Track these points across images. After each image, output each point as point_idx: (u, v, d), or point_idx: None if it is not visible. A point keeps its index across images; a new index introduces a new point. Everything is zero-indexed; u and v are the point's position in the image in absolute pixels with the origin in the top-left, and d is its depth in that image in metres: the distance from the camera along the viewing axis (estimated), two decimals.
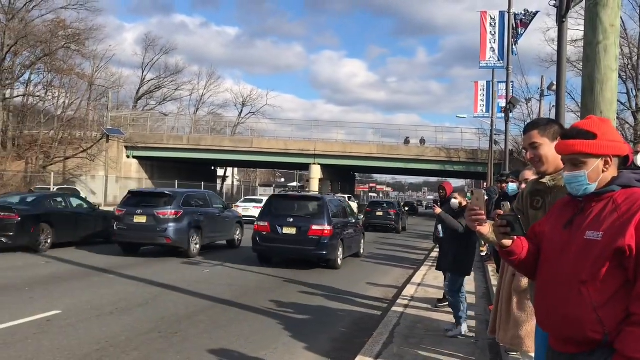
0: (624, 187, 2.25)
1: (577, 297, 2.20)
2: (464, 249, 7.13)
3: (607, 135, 2.30)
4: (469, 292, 9.68)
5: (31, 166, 46.67)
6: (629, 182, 2.26)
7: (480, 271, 12.58)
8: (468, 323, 7.16)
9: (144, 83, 68.51)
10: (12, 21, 45.46)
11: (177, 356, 5.95)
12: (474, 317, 7.90)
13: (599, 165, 2.30)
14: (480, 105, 30.98)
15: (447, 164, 49.35)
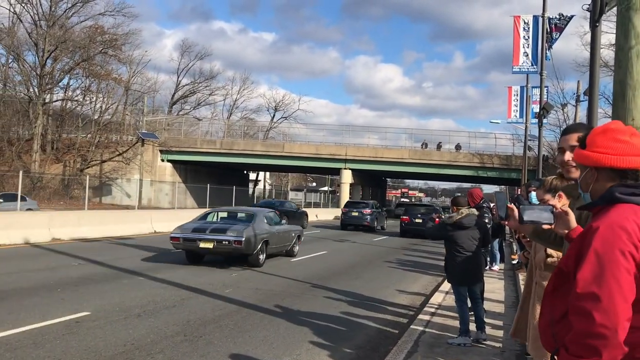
0: (608, 202, 2.14)
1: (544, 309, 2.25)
2: (466, 258, 7.04)
3: (595, 145, 2.20)
4: (498, 302, 9.55)
5: (69, 169, 47.85)
6: (609, 197, 2.10)
7: (510, 279, 12.36)
8: (494, 332, 7.02)
9: (179, 88, 69.60)
10: (52, 28, 46.74)
11: None
12: (502, 326, 7.75)
13: (587, 175, 2.24)
14: (514, 110, 30.50)
15: (480, 169, 48.68)
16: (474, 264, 7.04)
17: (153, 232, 22.08)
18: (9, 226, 15.73)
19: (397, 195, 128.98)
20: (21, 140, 46.83)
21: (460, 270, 7.05)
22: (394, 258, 17.32)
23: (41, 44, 46.40)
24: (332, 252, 18.22)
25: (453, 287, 7.23)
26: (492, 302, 9.23)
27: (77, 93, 53.31)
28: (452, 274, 7.24)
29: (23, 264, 12.12)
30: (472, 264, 7.02)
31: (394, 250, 20.52)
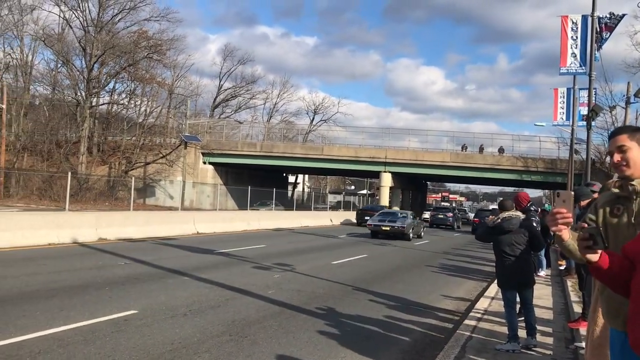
0: None
1: None
2: (496, 261, 7.00)
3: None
4: (546, 308, 9.30)
5: (114, 171, 49.01)
6: None
7: (558, 286, 12.03)
8: (543, 339, 6.83)
9: (220, 92, 70.57)
10: (100, 33, 48.03)
11: None
12: (552, 333, 7.54)
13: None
14: (560, 113, 29.73)
15: (524, 173, 47.64)
16: (520, 268, 6.86)
17: (196, 233, 22.40)
18: (59, 226, 16.19)
19: (437, 199, 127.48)
20: (69, 142, 48.27)
21: (506, 274, 6.90)
22: (437, 262, 17.09)
23: (89, 49, 47.74)
24: (373, 256, 18.11)
25: (502, 291, 7.07)
26: (540, 309, 8.99)
27: (122, 97, 54.74)
28: (499, 278, 7.13)
29: (72, 262, 12.44)
30: (518, 268, 6.84)
31: (437, 254, 20.27)
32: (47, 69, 54.40)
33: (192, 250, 16.26)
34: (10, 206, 31.13)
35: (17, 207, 29.71)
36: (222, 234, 23.40)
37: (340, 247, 20.48)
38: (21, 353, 5.71)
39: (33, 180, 41.43)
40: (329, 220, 37.63)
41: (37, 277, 10.29)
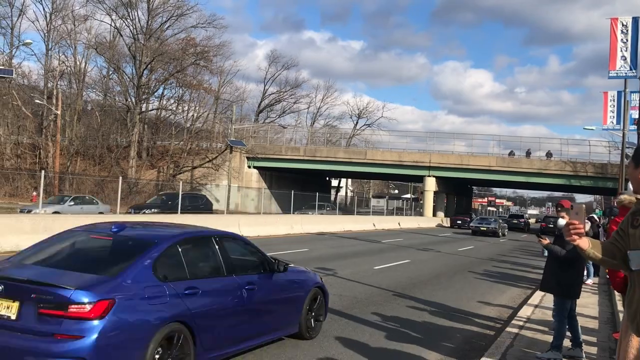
0: None
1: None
2: (568, 270, 6.73)
3: None
4: (592, 317, 9.15)
5: (162, 174, 50.30)
6: None
7: (605, 295, 11.80)
8: (587, 349, 6.77)
9: (265, 97, 71.50)
10: (149, 41, 49.49)
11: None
12: (596, 343, 7.45)
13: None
14: (610, 116, 28.98)
15: (572, 178, 46.50)
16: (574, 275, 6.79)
17: None
18: None
19: (483, 204, 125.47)
20: (119, 147, 49.87)
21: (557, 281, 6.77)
22: (480, 269, 16.94)
23: (139, 56, 49.28)
24: (415, 261, 18.09)
25: (566, 302, 6.78)
26: (585, 318, 8.87)
27: (170, 102, 56.23)
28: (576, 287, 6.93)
29: None
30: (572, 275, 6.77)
31: (481, 260, 20.07)
32: (99, 76, 56.48)
33: None
34: None
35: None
36: (266, 237, 23.76)
37: (382, 253, 20.52)
38: None
39: (85, 184, 42.95)
40: (371, 225, 37.63)
41: None
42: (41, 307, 4.44)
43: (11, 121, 46.75)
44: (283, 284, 6.80)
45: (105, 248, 5.56)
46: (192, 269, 5.56)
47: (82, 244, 5.70)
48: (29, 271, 5.01)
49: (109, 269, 5.02)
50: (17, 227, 14.21)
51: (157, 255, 5.22)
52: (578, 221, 2.70)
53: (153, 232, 6.10)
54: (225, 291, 5.79)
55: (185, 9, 51.54)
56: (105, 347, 4.43)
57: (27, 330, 4.43)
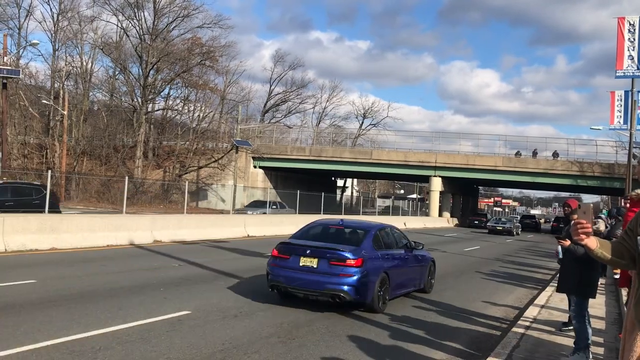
0: None
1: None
2: (589, 270, 6.70)
3: None
4: (598, 318, 9.10)
5: (168, 174, 50.40)
6: None
7: (612, 295, 11.74)
8: (594, 350, 6.73)
9: (271, 97, 71.54)
10: (155, 41, 49.58)
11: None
12: (602, 344, 7.42)
13: None
14: (617, 116, 28.79)
15: (579, 178, 46.28)
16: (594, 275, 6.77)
17: (246, 236, 22.86)
18: (116, 228, 16.87)
19: (489, 204, 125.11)
20: (126, 147, 49.98)
21: (578, 281, 6.72)
22: (487, 269, 16.89)
23: (145, 56, 49.38)
24: None
25: (586, 302, 6.78)
26: (592, 318, 8.80)
27: (176, 102, 56.29)
28: (595, 287, 6.90)
29: (129, 264, 12.98)
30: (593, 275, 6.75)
31: (487, 261, 20.01)
32: (105, 76, 56.65)
33: (243, 252, 16.64)
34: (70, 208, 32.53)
35: (76, 210, 31.02)
36: (272, 237, 23.75)
37: None
38: (84, 349, 6.08)
39: (92, 184, 43.09)
40: None
41: (97, 277, 10.81)
42: (332, 260, 8.79)
43: (18, 121, 46.93)
44: (418, 257, 11.11)
45: (344, 232, 10.08)
46: (384, 244, 9.94)
47: (328, 230, 10.20)
48: (316, 243, 9.36)
49: (354, 243, 9.40)
50: (24, 227, 14.27)
51: (372, 236, 9.63)
52: (586, 220, 2.68)
53: (363, 224, 10.61)
54: (398, 257, 10.24)
55: (191, 9, 51.61)
56: (360, 280, 8.72)
57: (323, 272, 8.76)
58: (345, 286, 8.64)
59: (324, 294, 8.76)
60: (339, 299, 8.71)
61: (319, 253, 8.90)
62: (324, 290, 8.72)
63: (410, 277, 10.71)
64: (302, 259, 8.92)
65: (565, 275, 6.96)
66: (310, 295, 8.92)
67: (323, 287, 8.71)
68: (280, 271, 9.07)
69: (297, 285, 8.88)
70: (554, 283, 13.26)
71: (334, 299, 8.76)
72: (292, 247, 9.26)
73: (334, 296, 8.72)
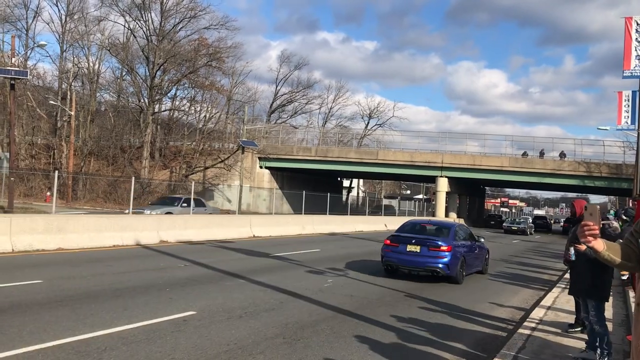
0: None
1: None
2: (602, 272, 6.65)
3: None
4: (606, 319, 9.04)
5: (175, 175, 50.53)
6: None
7: (620, 296, 11.66)
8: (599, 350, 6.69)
9: (277, 97, 71.59)
10: (162, 42, 49.72)
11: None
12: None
13: None
14: (625, 116, 28.62)
15: (586, 179, 46.06)
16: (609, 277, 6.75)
17: (252, 236, 22.88)
18: (123, 229, 16.93)
19: (496, 205, 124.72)
20: (132, 147, 50.16)
21: (594, 284, 6.67)
22: (493, 270, 16.82)
23: (152, 57, 49.53)
24: None
25: (602, 304, 6.74)
26: None
27: (183, 103, 56.44)
28: (610, 289, 6.87)
29: (135, 264, 13.02)
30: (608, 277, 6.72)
31: (493, 261, 19.87)
32: (112, 77, 56.86)
33: (249, 253, 16.65)
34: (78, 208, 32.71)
35: (83, 210, 31.17)
36: (278, 237, 23.79)
37: None
38: (89, 349, 6.10)
39: (99, 184, 43.28)
40: (383, 226, 37.52)
41: (103, 277, 10.84)
42: (430, 247, 12.75)
43: (26, 122, 47.20)
44: (479, 246, 15.00)
45: (433, 228, 14.26)
46: (460, 237, 13.85)
47: (421, 227, 14.38)
48: (416, 235, 13.33)
49: (444, 235, 13.37)
50: (31, 227, 14.35)
51: (454, 231, 13.61)
52: (593, 222, 2.63)
53: (444, 223, 15.68)
54: (469, 246, 14.10)
55: (198, 10, 51.73)
56: (450, 261, 12.62)
57: (425, 255, 12.74)
58: (440, 264, 12.68)
59: (425, 269, 12.90)
60: (435, 273, 12.79)
61: (421, 242, 12.99)
62: (425, 267, 12.85)
63: (476, 261, 14.62)
64: (408, 246, 13.01)
65: (577, 277, 6.90)
66: (414, 270, 13.21)
67: (424, 265, 12.83)
68: (392, 255, 13.23)
69: (406, 264, 13.06)
70: (561, 284, 13.21)
71: (432, 273, 12.84)
72: (401, 238, 13.35)
73: (432, 271, 12.80)
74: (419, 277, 13.46)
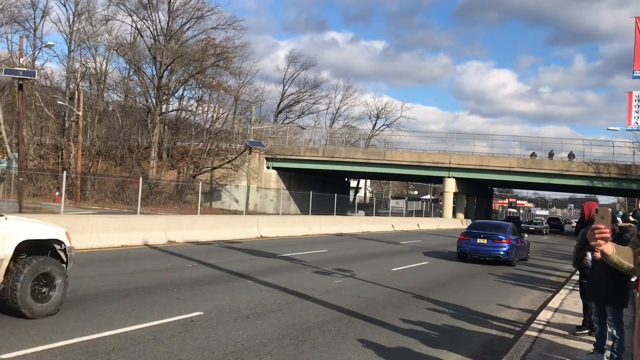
0: None
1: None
2: (621, 278, 6.58)
3: None
4: None
5: (182, 175, 50.67)
6: None
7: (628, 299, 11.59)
8: (608, 354, 6.66)
9: (284, 97, 71.66)
10: (169, 42, 49.89)
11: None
12: None
13: None
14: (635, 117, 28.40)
15: (595, 179, 45.83)
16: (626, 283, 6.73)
17: (259, 236, 22.91)
18: (131, 229, 16.99)
19: (504, 205, 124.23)
20: (140, 147, 50.35)
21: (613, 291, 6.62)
22: (500, 271, 16.78)
23: (159, 57, 49.70)
24: (434, 263, 17.99)
25: (614, 310, 6.69)
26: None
27: (190, 103, 56.61)
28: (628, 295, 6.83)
29: (143, 264, 13.07)
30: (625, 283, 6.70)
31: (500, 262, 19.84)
32: (120, 77, 57.11)
33: (256, 253, 16.68)
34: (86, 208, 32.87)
35: (91, 210, 31.33)
36: (285, 238, 23.82)
37: (401, 254, 20.44)
38: (97, 350, 6.13)
39: (107, 184, 43.47)
40: (390, 226, 37.49)
41: (111, 277, 10.90)
42: (494, 239, 18.25)
43: (34, 122, 47.48)
44: (524, 241, 20.59)
45: (494, 227, 19.95)
46: (512, 232, 19.03)
47: (484, 225, 20.43)
48: (482, 231, 18.85)
49: (502, 231, 18.88)
50: None
51: (509, 228, 19.28)
52: (604, 225, 2.60)
53: (501, 223, 21.69)
54: (518, 240, 19.32)
55: (205, 10, 51.87)
56: (508, 250, 18.18)
57: (490, 245, 18.27)
58: (501, 252, 18.04)
59: (490, 255, 18.24)
60: (497, 258, 18.11)
61: (488, 236, 18.37)
62: (490, 254, 18.22)
63: (522, 251, 20.08)
64: (478, 239, 18.45)
65: (595, 284, 6.80)
66: (482, 256, 18.51)
67: (490, 252, 18.22)
68: (466, 245, 18.72)
69: (476, 252, 18.51)
70: (568, 286, 13.16)
71: (495, 258, 18.18)
72: (472, 233, 18.90)
73: (495, 257, 18.16)
74: (425, 277, 13.40)
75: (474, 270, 16.65)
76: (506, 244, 17.95)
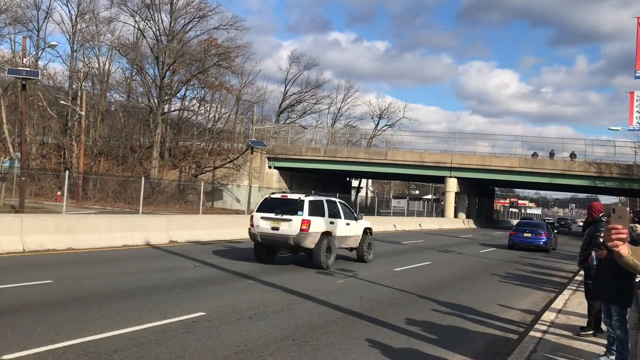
0: None
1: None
2: (627, 278, 6.55)
3: None
4: None
5: (184, 175, 50.67)
6: None
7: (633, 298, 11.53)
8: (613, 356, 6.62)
9: (286, 97, 71.60)
10: (171, 42, 49.89)
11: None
12: None
13: None
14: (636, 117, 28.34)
15: (597, 179, 45.76)
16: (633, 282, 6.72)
17: None
18: (133, 229, 16.98)
19: (505, 205, 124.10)
20: (142, 147, 50.35)
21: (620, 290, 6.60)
22: (503, 272, 16.74)
23: (161, 57, 49.70)
24: (437, 263, 17.95)
25: (626, 310, 6.62)
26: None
27: (192, 103, 56.60)
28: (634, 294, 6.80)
29: (145, 264, 13.05)
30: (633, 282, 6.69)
31: (503, 263, 19.83)
32: (122, 77, 57.11)
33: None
34: (88, 208, 32.85)
35: (93, 210, 31.31)
36: None
37: (403, 254, 20.40)
38: (99, 350, 6.10)
39: (109, 184, 43.45)
40: (392, 226, 37.44)
41: (113, 277, 10.88)
42: (536, 233, 26.63)
43: (37, 122, 47.52)
44: (555, 235, 28.89)
45: (534, 224, 29.02)
46: (549, 228, 27.70)
47: (527, 223, 29.21)
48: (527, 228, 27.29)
49: (542, 227, 27.41)
50: (42, 227, 14.43)
51: (546, 225, 28.66)
52: (621, 225, 2.53)
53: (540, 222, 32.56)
54: (551, 234, 27.33)
55: (208, 10, 51.84)
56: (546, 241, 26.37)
57: (533, 238, 26.41)
58: (542, 242, 25.52)
59: (533, 245, 25.38)
60: (539, 247, 25.19)
61: (531, 231, 26.06)
62: (533, 244, 25.50)
63: (553, 242, 26.34)
64: (524, 233, 26.04)
65: (601, 284, 6.75)
66: (527, 246, 25.46)
67: (533, 243, 25.50)
68: (516, 238, 26.14)
69: (523, 243, 25.74)
70: (572, 286, 13.11)
71: (536, 247, 25.19)
72: (520, 229, 26.67)
73: (537, 246, 25.28)
74: (428, 278, 13.37)
75: (476, 271, 16.61)
76: (545, 237, 25.64)
